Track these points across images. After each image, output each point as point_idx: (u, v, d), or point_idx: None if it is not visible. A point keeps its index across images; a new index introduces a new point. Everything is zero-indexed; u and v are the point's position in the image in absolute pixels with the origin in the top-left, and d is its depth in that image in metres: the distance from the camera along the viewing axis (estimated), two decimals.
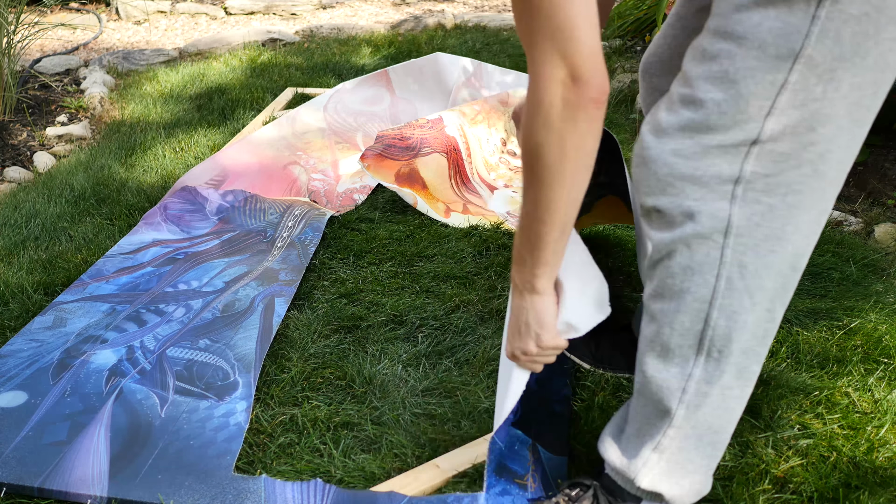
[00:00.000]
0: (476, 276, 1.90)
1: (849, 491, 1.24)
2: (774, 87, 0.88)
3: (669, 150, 0.94)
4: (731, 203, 0.93)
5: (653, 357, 1.04)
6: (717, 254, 0.94)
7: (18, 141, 2.82)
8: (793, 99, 0.88)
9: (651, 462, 1.08)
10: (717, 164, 0.92)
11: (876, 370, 1.52)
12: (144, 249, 2.00)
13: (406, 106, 2.99)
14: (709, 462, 1.09)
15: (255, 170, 2.46)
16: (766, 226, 0.93)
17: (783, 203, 0.92)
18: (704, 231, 0.94)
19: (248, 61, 3.72)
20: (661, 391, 1.04)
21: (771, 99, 0.88)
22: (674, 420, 1.04)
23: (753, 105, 0.89)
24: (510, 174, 2.57)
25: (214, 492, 1.26)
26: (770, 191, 0.91)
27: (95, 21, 4.55)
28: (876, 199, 2.28)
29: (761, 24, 0.87)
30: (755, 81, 0.88)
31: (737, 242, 0.93)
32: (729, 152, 0.91)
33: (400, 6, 5.20)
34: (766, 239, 0.93)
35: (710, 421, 1.04)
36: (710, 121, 0.91)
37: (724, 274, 0.95)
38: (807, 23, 0.85)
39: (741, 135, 0.90)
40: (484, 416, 1.44)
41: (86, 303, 1.76)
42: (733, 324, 0.97)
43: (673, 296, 0.99)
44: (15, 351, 1.58)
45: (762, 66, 0.87)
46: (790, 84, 0.87)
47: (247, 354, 1.59)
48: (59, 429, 1.38)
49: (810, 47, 0.85)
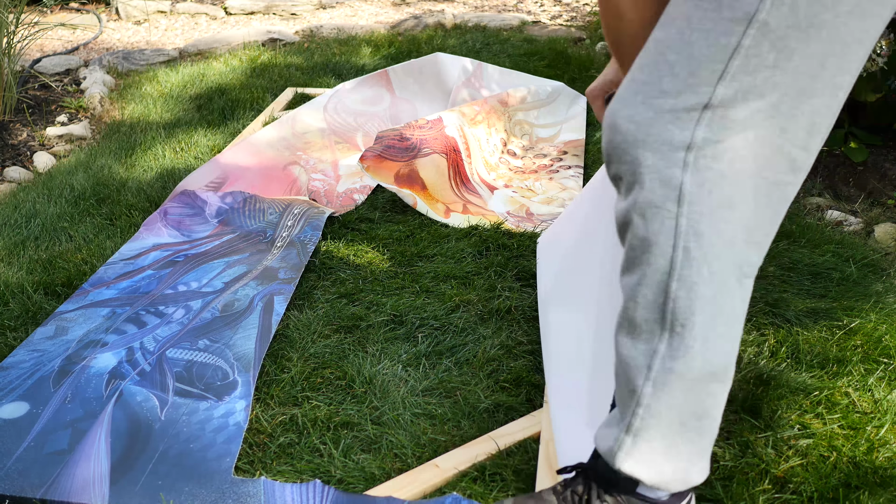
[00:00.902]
0: (476, 276, 1.90)
1: (849, 491, 1.24)
2: (727, 50, 0.87)
3: (625, 116, 0.94)
4: (682, 170, 0.92)
5: (622, 334, 1.03)
6: (671, 223, 0.93)
7: (18, 141, 2.82)
8: (745, 64, 0.87)
9: (626, 445, 1.05)
10: (669, 130, 0.91)
11: (876, 370, 1.52)
12: (145, 254, 2.00)
13: (406, 106, 2.99)
14: (695, 449, 1.05)
15: (254, 171, 2.46)
16: (718, 193, 0.92)
17: (731, 169, 0.91)
18: (657, 200, 0.93)
19: (248, 61, 3.72)
20: (630, 369, 1.02)
21: (724, 62, 0.88)
22: (641, 398, 1.02)
23: (706, 68, 0.89)
24: (510, 174, 2.57)
25: (214, 496, 1.26)
26: (719, 157, 0.90)
27: (95, 21, 4.55)
28: (876, 199, 2.28)
29: None
30: (708, 44, 0.88)
31: (691, 210, 0.92)
32: (680, 117, 0.91)
33: (400, 6, 5.20)
34: (719, 206, 0.92)
35: (688, 404, 1.01)
36: (662, 84, 0.91)
37: (681, 244, 0.94)
38: None
39: (693, 98, 0.90)
40: (484, 416, 1.44)
41: (87, 310, 1.76)
42: (694, 295, 0.95)
43: (635, 268, 0.98)
44: (17, 362, 1.58)
45: (716, 28, 0.87)
46: (743, 48, 0.87)
47: (246, 354, 1.59)
48: (61, 437, 1.38)
49: (765, 12, 0.85)
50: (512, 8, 5.09)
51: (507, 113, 2.79)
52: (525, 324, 1.72)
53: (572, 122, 2.88)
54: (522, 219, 2.24)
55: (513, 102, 2.82)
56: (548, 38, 4.13)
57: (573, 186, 2.45)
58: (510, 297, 1.80)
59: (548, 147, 2.77)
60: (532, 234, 2.10)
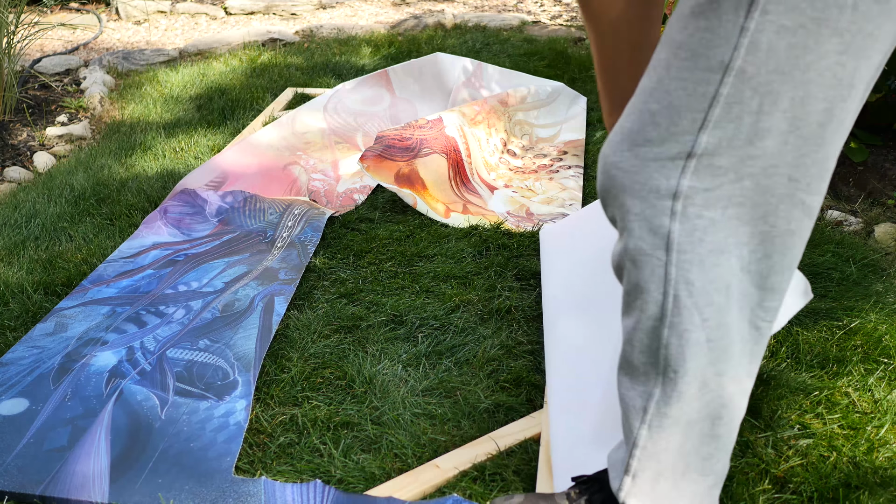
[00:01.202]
0: (476, 276, 1.90)
1: (849, 491, 1.24)
2: (706, 99, 0.86)
3: (612, 163, 0.93)
4: (670, 219, 0.90)
5: (622, 374, 1.02)
6: (661, 271, 0.92)
7: (18, 141, 2.82)
8: (727, 112, 0.85)
9: (626, 485, 1.05)
10: (655, 179, 0.90)
11: (876, 370, 1.52)
12: (145, 253, 2.00)
13: (406, 106, 3.00)
14: (699, 489, 1.04)
15: (254, 171, 2.46)
16: (710, 240, 0.90)
17: (724, 216, 0.89)
18: (646, 247, 0.92)
19: (248, 61, 3.72)
20: (628, 409, 1.01)
21: (703, 111, 0.86)
22: (637, 441, 1.01)
23: (686, 117, 0.87)
24: (510, 174, 2.57)
25: (215, 495, 1.26)
26: (710, 205, 0.88)
27: (95, 21, 4.55)
28: (876, 199, 2.28)
29: (694, 34, 0.85)
30: (687, 93, 0.86)
31: (680, 259, 0.91)
32: (666, 166, 0.89)
33: (400, 6, 5.20)
34: (710, 253, 0.90)
35: (689, 446, 1.00)
36: (646, 133, 0.90)
37: (671, 292, 0.92)
38: (735, 34, 0.82)
39: (676, 147, 0.88)
40: (484, 416, 1.44)
41: (86, 307, 1.76)
42: (685, 342, 0.94)
43: (631, 312, 0.97)
44: (16, 359, 1.58)
45: (693, 76, 0.85)
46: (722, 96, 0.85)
47: (246, 354, 1.59)
48: (60, 434, 1.38)
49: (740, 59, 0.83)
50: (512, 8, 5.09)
51: (507, 113, 2.79)
52: (525, 324, 1.72)
53: (572, 122, 2.89)
54: (522, 219, 2.24)
55: (513, 102, 2.82)
56: (548, 38, 4.13)
57: (573, 186, 2.45)
58: (510, 297, 1.80)
59: (548, 147, 2.77)
60: (532, 234, 2.10)
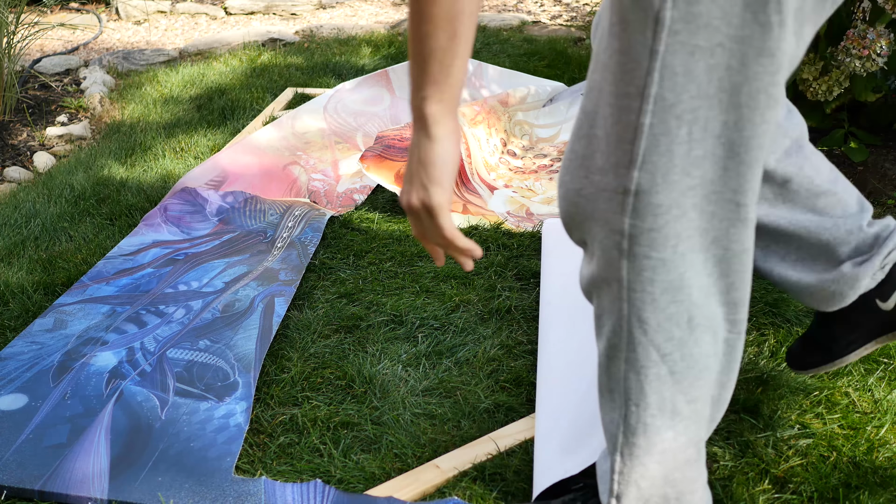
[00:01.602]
0: (476, 276, 1.90)
1: (849, 491, 1.24)
2: (630, 129, 0.76)
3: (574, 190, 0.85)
4: (619, 256, 0.83)
5: (599, 396, 0.98)
6: (617, 304, 0.86)
7: (18, 141, 2.82)
8: (654, 146, 0.76)
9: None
10: (606, 209, 0.82)
11: (876, 370, 1.52)
12: (144, 251, 2.00)
13: (406, 106, 3.00)
14: None
15: (254, 170, 2.46)
16: (661, 280, 0.82)
17: (674, 255, 0.81)
18: (607, 277, 0.86)
19: (247, 61, 3.72)
20: (606, 433, 0.98)
21: (630, 142, 0.77)
22: (615, 465, 0.97)
23: (619, 148, 0.78)
24: (510, 174, 2.57)
25: (215, 494, 1.26)
26: (657, 245, 0.81)
27: (95, 21, 4.55)
28: (876, 199, 2.28)
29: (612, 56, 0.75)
30: (614, 121, 0.77)
31: (632, 298, 0.84)
32: (613, 199, 0.81)
33: (400, 6, 5.20)
34: (664, 293, 0.83)
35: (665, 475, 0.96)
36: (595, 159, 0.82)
37: (625, 327, 0.86)
38: (646, 58, 0.73)
39: (616, 181, 0.80)
40: (484, 416, 1.44)
41: (86, 304, 1.76)
42: (644, 378, 0.88)
43: (599, 337, 0.93)
44: (15, 353, 1.58)
45: (618, 103, 0.76)
46: (645, 127, 0.75)
47: (246, 354, 1.59)
48: (60, 431, 1.38)
49: (656, 85, 0.73)
50: (512, 8, 5.09)
51: (507, 113, 2.79)
52: (525, 324, 1.72)
53: (573, 123, 2.88)
54: (522, 219, 2.24)
55: (513, 102, 2.82)
56: (548, 38, 4.13)
57: None
58: (510, 297, 1.80)
59: (548, 147, 2.77)
60: (532, 234, 2.10)
